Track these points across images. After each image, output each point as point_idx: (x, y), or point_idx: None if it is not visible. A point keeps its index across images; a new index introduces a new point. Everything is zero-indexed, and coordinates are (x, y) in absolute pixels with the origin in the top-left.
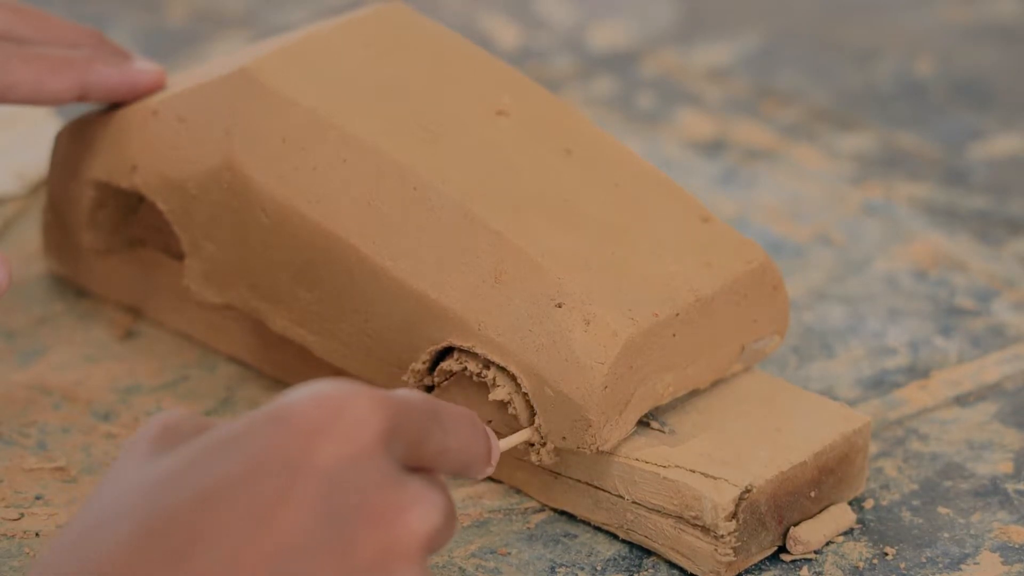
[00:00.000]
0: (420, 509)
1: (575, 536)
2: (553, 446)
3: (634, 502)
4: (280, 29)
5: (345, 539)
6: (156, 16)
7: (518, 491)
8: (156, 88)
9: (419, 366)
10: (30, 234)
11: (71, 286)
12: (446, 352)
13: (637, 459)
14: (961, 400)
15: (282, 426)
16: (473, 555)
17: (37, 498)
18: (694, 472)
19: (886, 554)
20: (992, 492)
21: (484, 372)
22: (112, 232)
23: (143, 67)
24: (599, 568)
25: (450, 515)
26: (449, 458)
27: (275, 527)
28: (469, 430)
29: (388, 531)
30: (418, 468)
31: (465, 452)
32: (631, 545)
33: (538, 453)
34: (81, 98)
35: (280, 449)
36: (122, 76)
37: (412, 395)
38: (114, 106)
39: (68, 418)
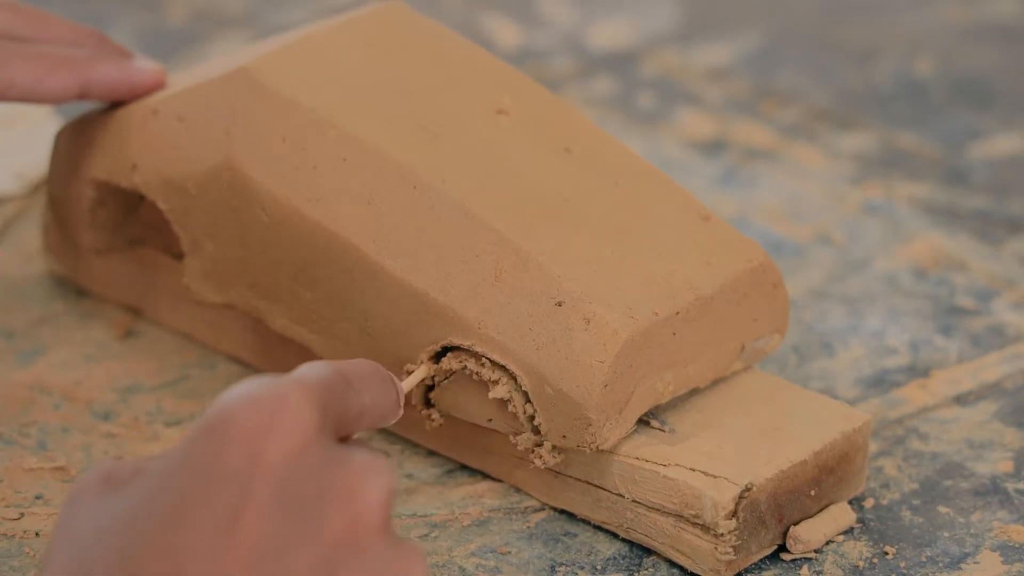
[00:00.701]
0: (372, 480)
1: (575, 535)
2: (553, 445)
3: (634, 501)
4: (280, 29)
5: (311, 526)
6: (156, 16)
7: (518, 490)
8: (156, 87)
9: (419, 364)
10: (30, 234)
11: (71, 286)
12: (446, 350)
13: (637, 458)
14: (961, 399)
15: (224, 436)
16: (473, 554)
17: (37, 498)
18: (694, 471)
19: (886, 553)
20: (992, 491)
21: (484, 370)
22: (112, 231)
23: (143, 66)
24: (599, 567)
25: (393, 471)
26: (367, 416)
27: (243, 532)
28: (378, 385)
29: (349, 509)
30: (345, 436)
31: (379, 407)
32: (631, 544)
33: (539, 454)
34: (81, 96)
35: (228, 458)
36: (122, 75)
37: (324, 371)
38: (114, 105)
39: (68, 418)
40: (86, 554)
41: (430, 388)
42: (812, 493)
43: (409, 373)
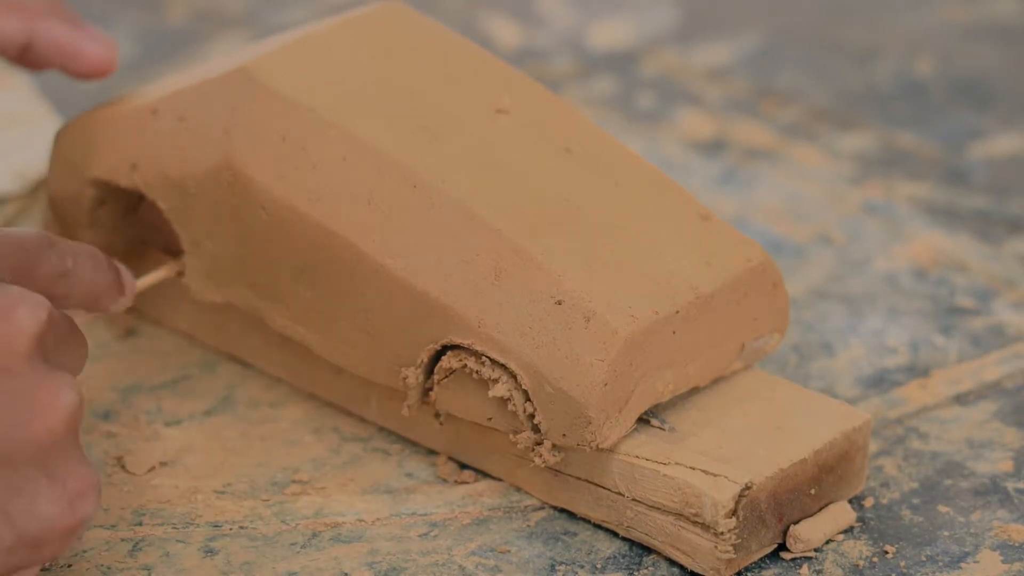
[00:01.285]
0: (24, 308)
1: (575, 534)
2: (553, 444)
3: (634, 499)
4: (280, 29)
5: None
6: (156, 16)
7: (518, 489)
8: (103, 61)
9: (419, 363)
10: None
11: None
12: (446, 349)
13: (637, 456)
14: (961, 399)
15: None
16: (473, 553)
17: None
18: (694, 469)
19: (886, 552)
20: (992, 491)
21: (484, 369)
22: (112, 231)
23: (95, 35)
24: (599, 566)
25: (57, 319)
26: (71, 285)
27: None
28: (89, 260)
29: None
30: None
31: (88, 281)
32: (631, 543)
33: (539, 453)
34: (25, 48)
35: None
36: (72, 36)
37: (18, 230)
38: (114, 105)
39: None
40: None
41: (429, 389)
42: (812, 492)
43: (405, 379)
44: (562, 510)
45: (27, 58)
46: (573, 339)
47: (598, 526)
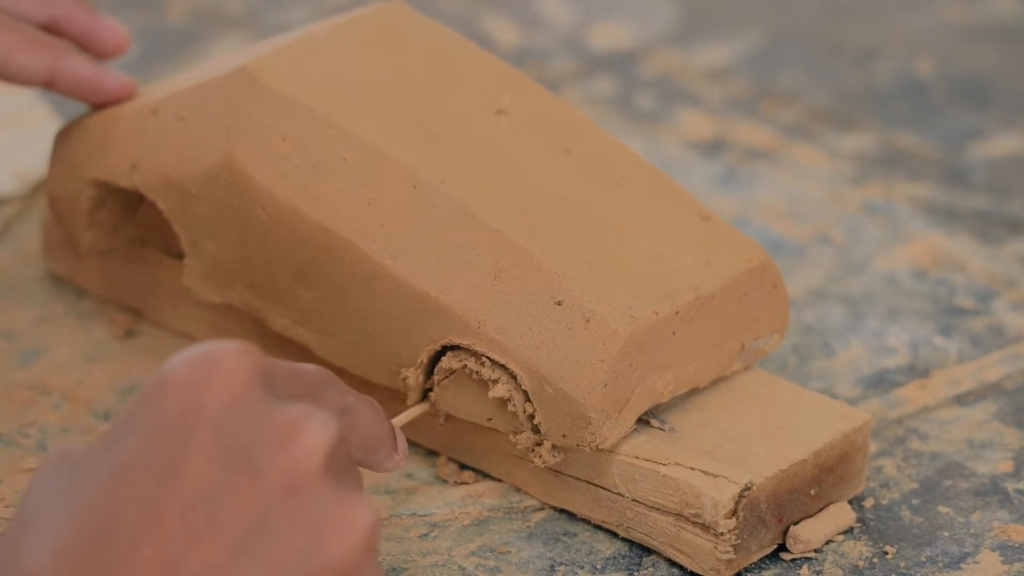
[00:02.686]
0: (311, 426)
1: (575, 534)
2: (552, 445)
3: (634, 500)
4: (280, 29)
5: (249, 473)
6: (156, 16)
7: (518, 489)
8: (123, 97)
9: (419, 364)
10: (30, 234)
11: (71, 286)
12: (446, 350)
13: (637, 457)
14: (961, 399)
15: (164, 393)
16: (473, 553)
17: None
18: (694, 470)
19: (886, 553)
20: (992, 491)
21: (484, 370)
22: (112, 232)
23: (115, 74)
24: (599, 566)
25: (340, 429)
26: (351, 425)
27: (180, 481)
28: (368, 407)
29: (286, 453)
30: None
31: (366, 425)
32: (631, 543)
33: (539, 454)
34: (47, 84)
35: (167, 414)
36: (94, 73)
37: (301, 363)
38: (114, 105)
39: (68, 418)
40: (38, 519)
41: (429, 389)
42: (812, 492)
43: (405, 380)
44: (562, 510)
45: (50, 90)
46: (573, 339)
47: (598, 527)
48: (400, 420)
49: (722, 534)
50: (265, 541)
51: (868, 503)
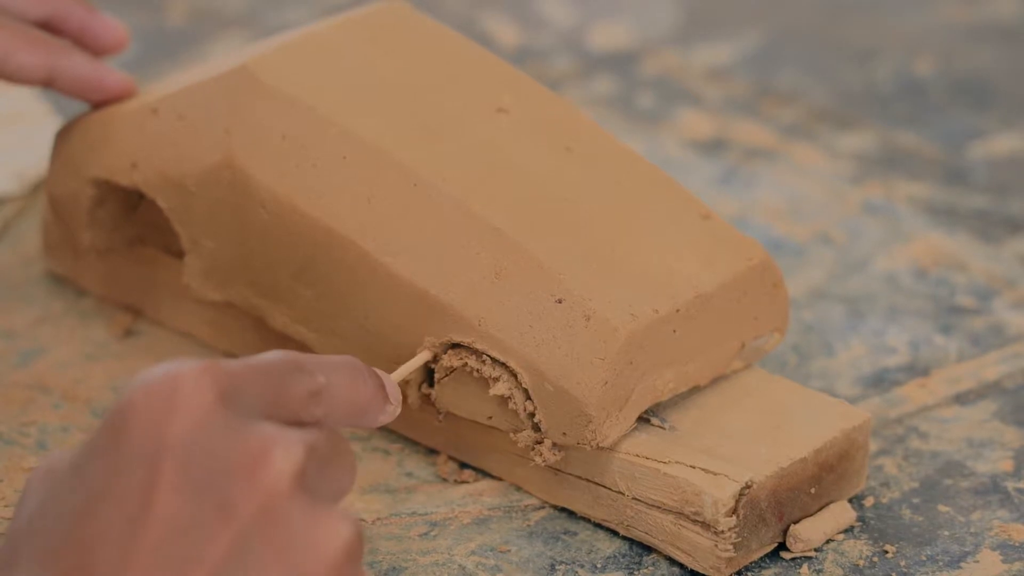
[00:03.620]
0: (279, 450)
1: (575, 533)
2: (553, 443)
3: (634, 498)
4: (280, 29)
5: (220, 505)
6: (156, 16)
7: (518, 488)
8: (123, 95)
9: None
10: (30, 234)
11: (71, 286)
12: (446, 348)
13: (637, 455)
14: (961, 398)
15: (124, 424)
16: (473, 552)
17: None
18: (694, 468)
19: (886, 552)
20: (992, 490)
21: (484, 368)
22: (112, 230)
23: (115, 72)
24: (599, 565)
25: (316, 447)
26: (329, 402)
27: (152, 516)
28: (346, 372)
29: (256, 479)
30: (298, 423)
31: (346, 394)
32: (631, 542)
33: (540, 452)
34: (46, 83)
35: (131, 445)
36: (93, 71)
37: (261, 356)
38: (114, 104)
39: (68, 417)
40: (17, 543)
41: (430, 387)
42: (812, 491)
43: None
44: (562, 509)
45: (49, 88)
46: (573, 338)
47: (598, 525)
48: (399, 373)
49: (722, 532)
50: (244, 570)
51: (868, 502)
